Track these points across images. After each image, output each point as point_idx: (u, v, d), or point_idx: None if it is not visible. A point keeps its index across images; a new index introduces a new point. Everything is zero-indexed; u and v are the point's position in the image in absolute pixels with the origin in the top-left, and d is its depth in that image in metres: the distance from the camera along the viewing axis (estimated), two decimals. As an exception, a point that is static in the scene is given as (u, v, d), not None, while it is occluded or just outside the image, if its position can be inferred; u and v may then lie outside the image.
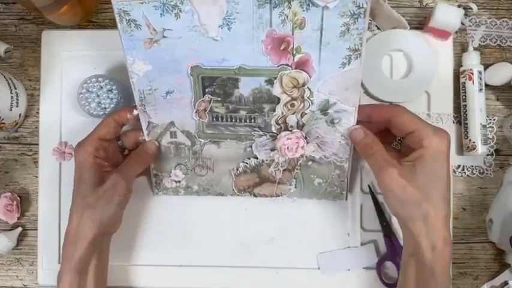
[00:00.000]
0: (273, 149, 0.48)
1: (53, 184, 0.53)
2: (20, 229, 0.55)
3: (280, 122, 0.46)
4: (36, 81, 0.55)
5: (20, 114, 0.53)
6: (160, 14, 0.39)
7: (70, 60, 0.53)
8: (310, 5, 0.38)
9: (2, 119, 0.50)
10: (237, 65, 0.42)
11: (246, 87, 0.44)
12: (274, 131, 0.47)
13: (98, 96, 0.49)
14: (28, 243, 0.55)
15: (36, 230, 0.54)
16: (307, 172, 0.51)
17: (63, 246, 0.45)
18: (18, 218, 0.54)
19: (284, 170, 0.50)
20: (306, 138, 0.47)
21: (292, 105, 0.45)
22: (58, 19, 0.52)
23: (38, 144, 0.54)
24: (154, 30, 0.40)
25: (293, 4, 0.38)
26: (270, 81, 0.43)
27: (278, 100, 0.44)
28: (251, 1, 0.38)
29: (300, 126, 0.47)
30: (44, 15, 0.50)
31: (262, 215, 0.53)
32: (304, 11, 0.38)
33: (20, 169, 0.55)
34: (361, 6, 0.38)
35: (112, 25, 0.55)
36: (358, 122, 0.45)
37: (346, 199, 0.52)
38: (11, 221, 0.54)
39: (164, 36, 0.40)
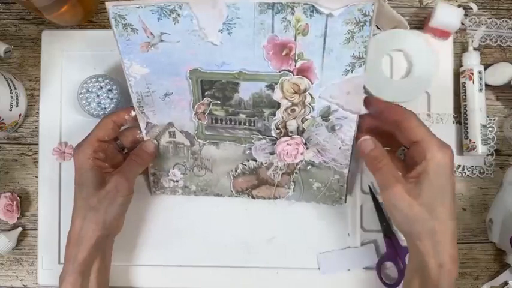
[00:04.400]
0: (272, 153, 0.48)
1: (53, 184, 0.53)
2: (20, 229, 0.55)
3: (280, 126, 0.46)
4: (36, 81, 0.55)
5: (19, 114, 0.53)
6: (158, 19, 0.38)
7: (70, 60, 0.53)
8: (314, 12, 0.37)
9: (2, 119, 0.50)
10: (237, 70, 0.41)
11: (246, 92, 0.43)
12: (274, 135, 0.47)
13: (97, 96, 0.49)
14: (28, 243, 0.55)
15: (36, 230, 0.54)
16: (306, 176, 0.50)
17: (65, 247, 0.45)
18: (18, 218, 0.54)
19: (283, 174, 0.50)
20: (305, 144, 0.47)
21: (293, 110, 0.44)
22: (58, 19, 0.52)
23: (37, 144, 0.54)
24: (152, 34, 0.39)
25: (296, 11, 0.37)
26: (271, 87, 0.42)
27: (278, 105, 0.44)
28: (253, 7, 0.37)
29: (300, 132, 0.46)
30: (43, 15, 0.50)
31: (262, 215, 0.53)
32: (307, 17, 0.37)
33: (20, 169, 0.55)
34: (367, 14, 0.37)
35: (112, 25, 0.55)
36: (366, 116, 0.45)
37: (345, 202, 0.52)
38: (11, 221, 0.54)
39: (162, 40, 0.39)
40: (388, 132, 0.45)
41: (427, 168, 0.40)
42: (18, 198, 0.55)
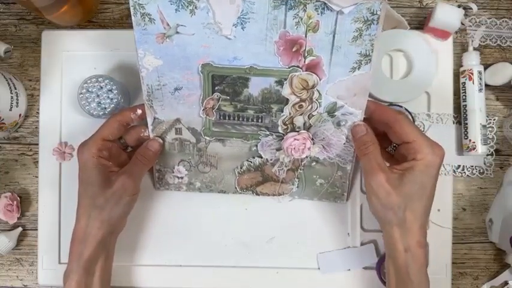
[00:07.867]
0: (278, 149, 0.48)
1: (53, 184, 0.53)
2: (20, 229, 0.55)
3: (287, 122, 0.46)
4: (36, 81, 0.55)
5: (20, 114, 0.53)
6: (176, 10, 0.39)
7: (70, 60, 0.53)
8: (325, 9, 0.38)
9: (2, 119, 0.50)
10: (248, 65, 0.42)
11: (255, 87, 0.44)
12: (281, 132, 0.47)
13: (98, 96, 0.49)
14: (28, 243, 0.55)
15: (36, 230, 0.54)
16: (309, 172, 0.51)
17: (70, 245, 0.45)
18: (18, 218, 0.54)
19: (288, 170, 0.50)
20: (312, 139, 0.47)
21: (301, 106, 0.45)
22: (58, 19, 0.52)
23: (38, 144, 0.54)
24: (168, 25, 0.40)
25: (308, 7, 0.38)
26: (280, 82, 0.43)
27: (287, 101, 0.45)
28: (267, 2, 0.38)
29: (307, 128, 0.47)
30: (43, 15, 0.50)
31: (263, 215, 0.53)
32: (318, 14, 0.39)
33: (20, 169, 0.55)
34: (375, 12, 0.38)
35: (112, 25, 0.55)
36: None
37: (347, 200, 0.52)
38: (11, 221, 0.54)
39: (177, 32, 0.40)
40: (379, 129, 0.46)
41: (414, 166, 0.42)
42: (18, 198, 0.55)
